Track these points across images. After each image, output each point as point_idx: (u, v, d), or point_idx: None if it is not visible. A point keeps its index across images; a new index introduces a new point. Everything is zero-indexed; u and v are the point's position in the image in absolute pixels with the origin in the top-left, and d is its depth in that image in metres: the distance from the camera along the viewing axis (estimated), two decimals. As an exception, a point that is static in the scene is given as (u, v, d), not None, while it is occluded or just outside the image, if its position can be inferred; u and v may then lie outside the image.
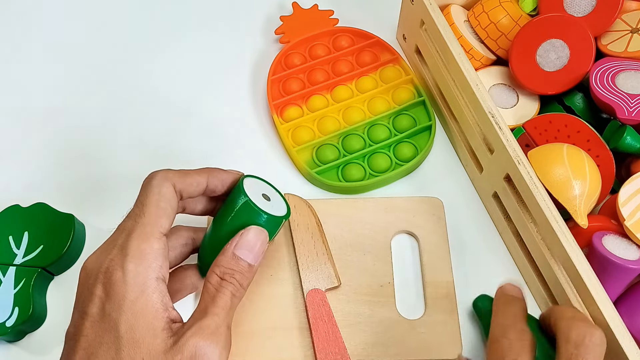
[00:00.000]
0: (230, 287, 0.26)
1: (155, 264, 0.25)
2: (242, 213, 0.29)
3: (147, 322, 0.23)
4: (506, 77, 0.43)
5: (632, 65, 0.39)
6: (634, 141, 0.36)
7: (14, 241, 0.39)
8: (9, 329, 0.36)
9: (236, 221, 0.29)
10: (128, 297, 0.24)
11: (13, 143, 0.45)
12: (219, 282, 0.26)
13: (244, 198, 0.29)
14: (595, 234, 0.35)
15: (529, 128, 0.40)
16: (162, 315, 0.24)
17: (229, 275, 0.26)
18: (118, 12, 0.51)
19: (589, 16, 0.40)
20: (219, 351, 0.24)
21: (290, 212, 0.32)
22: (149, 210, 0.26)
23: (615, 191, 0.37)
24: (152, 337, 0.23)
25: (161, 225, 0.26)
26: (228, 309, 0.25)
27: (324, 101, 0.45)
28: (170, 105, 0.47)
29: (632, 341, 0.29)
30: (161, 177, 0.27)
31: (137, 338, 0.23)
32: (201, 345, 0.23)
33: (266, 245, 0.29)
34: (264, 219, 0.29)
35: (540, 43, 0.40)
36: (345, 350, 0.35)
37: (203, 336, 0.24)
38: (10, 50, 0.50)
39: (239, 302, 0.27)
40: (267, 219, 0.29)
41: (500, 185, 0.38)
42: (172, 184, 0.27)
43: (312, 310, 0.36)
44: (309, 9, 0.48)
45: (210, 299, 0.26)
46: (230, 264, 0.26)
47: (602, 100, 0.37)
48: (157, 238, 0.25)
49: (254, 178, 0.32)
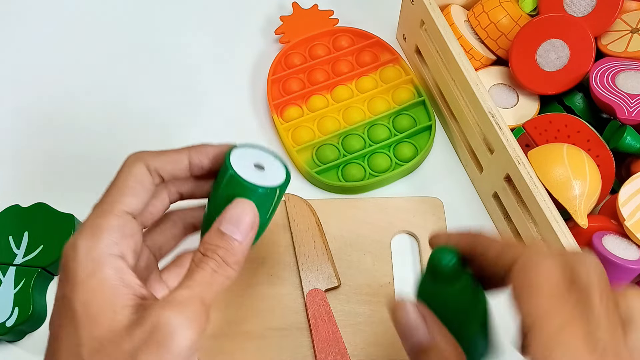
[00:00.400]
0: (212, 263, 0.24)
1: (109, 239, 0.23)
2: (229, 188, 0.26)
3: (104, 299, 0.22)
4: (506, 77, 0.43)
5: (632, 65, 0.39)
6: (634, 141, 0.36)
7: (14, 241, 0.39)
8: (9, 329, 0.36)
9: (225, 197, 0.26)
10: (79, 274, 0.22)
11: (13, 143, 0.45)
12: (200, 258, 0.24)
13: (230, 171, 0.26)
14: (595, 234, 0.35)
15: (529, 128, 0.40)
16: (122, 292, 0.22)
17: (211, 251, 0.24)
18: (118, 12, 0.51)
19: (589, 16, 0.40)
20: (187, 323, 0.21)
21: (290, 178, 0.28)
22: (113, 189, 0.25)
23: (615, 191, 0.37)
24: (112, 314, 0.22)
25: (124, 202, 0.24)
26: (205, 284, 0.23)
27: (324, 101, 0.45)
28: (170, 105, 0.47)
29: (632, 341, 0.29)
30: (133, 157, 0.26)
31: (93, 315, 0.22)
32: (165, 315, 0.21)
33: (256, 219, 0.26)
34: (255, 192, 0.26)
35: (541, 43, 0.40)
36: (345, 350, 0.35)
37: (168, 307, 0.22)
38: (10, 50, 0.50)
39: (226, 281, 0.24)
40: (259, 192, 0.26)
41: (500, 185, 0.38)
42: (144, 163, 0.26)
43: (312, 310, 0.36)
44: (309, 9, 0.48)
45: (188, 274, 0.24)
46: (213, 240, 0.25)
47: (602, 100, 0.37)
48: (116, 215, 0.24)
49: (247, 147, 0.28)
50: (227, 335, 0.36)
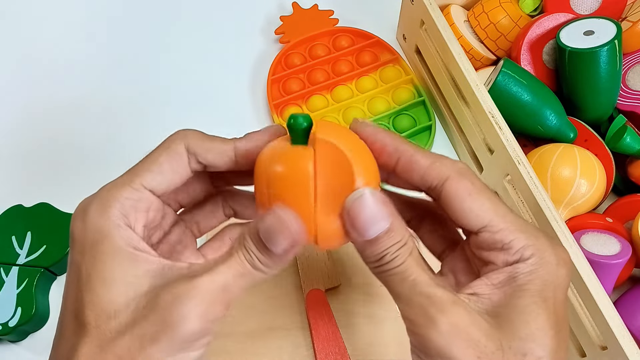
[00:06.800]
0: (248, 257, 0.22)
1: (119, 211, 0.22)
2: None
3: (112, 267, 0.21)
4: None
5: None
6: (633, 142, 0.36)
7: (16, 241, 0.39)
8: (11, 329, 0.36)
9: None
10: (88, 239, 0.21)
11: (16, 143, 0.45)
12: (241, 244, 0.22)
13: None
14: (574, 234, 0.34)
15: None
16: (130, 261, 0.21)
17: (251, 251, 0.22)
18: (117, 12, 0.52)
19: (595, 14, 0.40)
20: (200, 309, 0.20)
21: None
22: (144, 161, 0.24)
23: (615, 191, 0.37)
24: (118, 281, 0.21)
25: (145, 178, 0.23)
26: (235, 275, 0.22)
27: (324, 101, 0.45)
28: (170, 105, 0.47)
29: (632, 341, 0.29)
30: (178, 135, 0.25)
31: (101, 280, 0.21)
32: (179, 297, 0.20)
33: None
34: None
35: (548, 41, 0.40)
36: (345, 350, 0.35)
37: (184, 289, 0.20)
38: (11, 49, 0.50)
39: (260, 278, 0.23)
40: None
41: (500, 185, 0.38)
42: (185, 144, 0.24)
43: (312, 310, 0.36)
44: (309, 9, 0.48)
45: (225, 257, 0.22)
46: (255, 241, 0.22)
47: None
48: (133, 188, 0.23)
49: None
50: (227, 335, 0.36)
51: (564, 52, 0.35)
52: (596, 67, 0.35)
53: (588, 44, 0.34)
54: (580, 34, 0.34)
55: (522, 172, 0.34)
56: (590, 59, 0.34)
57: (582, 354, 0.34)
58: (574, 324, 0.33)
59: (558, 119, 0.37)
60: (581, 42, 0.34)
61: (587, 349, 0.33)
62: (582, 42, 0.34)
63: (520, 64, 0.40)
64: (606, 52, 0.34)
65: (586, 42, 0.34)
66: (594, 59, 0.34)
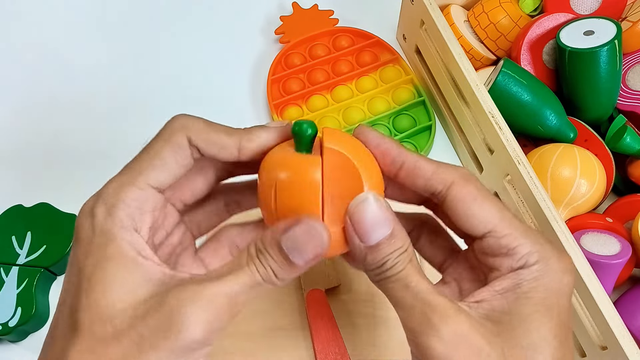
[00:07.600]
0: (261, 270, 0.21)
1: (123, 212, 0.22)
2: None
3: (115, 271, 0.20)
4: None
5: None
6: (633, 142, 0.36)
7: (16, 241, 0.39)
8: (11, 329, 0.36)
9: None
10: (94, 241, 0.21)
11: (16, 143, 0.45)
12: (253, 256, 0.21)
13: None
14: (574, 234, 0.34)
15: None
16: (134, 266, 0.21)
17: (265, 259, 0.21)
18: (118, 13, 0.52)
19: (595, 14, 0.40)
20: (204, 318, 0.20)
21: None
22: (145, 156, 0.23)
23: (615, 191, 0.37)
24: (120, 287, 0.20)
25: (150, 176, 0.23)
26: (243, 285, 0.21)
27: (324, 101, 0.45)
28: (170, 104, 0.47)
29: (632, 341, 0.29)
30: (178, 124, 0.23)
31: (101, 284, 0.20)
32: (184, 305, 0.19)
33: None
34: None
35: (548, 41, 0.40)
36: (345, 350, 0.35)
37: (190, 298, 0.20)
38: (10, 49, 0.50)
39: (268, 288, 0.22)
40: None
41: (500, 185, 0.38)
42: (187, 136, 0.23)
43: (312, 310, 0.36)
44: (309, 9, 0.48)
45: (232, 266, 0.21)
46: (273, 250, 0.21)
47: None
48: (139, 188, 0.22)
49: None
50: (227, 335, 0.36)
51: (564, 52, 0.35)
52: (596, 67, 0.35)
53: (588, 44, 0.34)
54: (580, 34, 0.34)
55: (522, 172, 0.34)
56: (590, 59, 0.34)
57: (582, 354, 0.34)
58: (574, 324, 0.33)
59: (558, 119, 0.37)
60: (581, 42, 0.34)
61: (587, 349, 0.33)
62: (582, 42, 0.34)
63: (520, 64, 0.40)
64: (606, 52, 0.34)
65: (586, 42, 0.34)
66: (594, 59, 0.34)
